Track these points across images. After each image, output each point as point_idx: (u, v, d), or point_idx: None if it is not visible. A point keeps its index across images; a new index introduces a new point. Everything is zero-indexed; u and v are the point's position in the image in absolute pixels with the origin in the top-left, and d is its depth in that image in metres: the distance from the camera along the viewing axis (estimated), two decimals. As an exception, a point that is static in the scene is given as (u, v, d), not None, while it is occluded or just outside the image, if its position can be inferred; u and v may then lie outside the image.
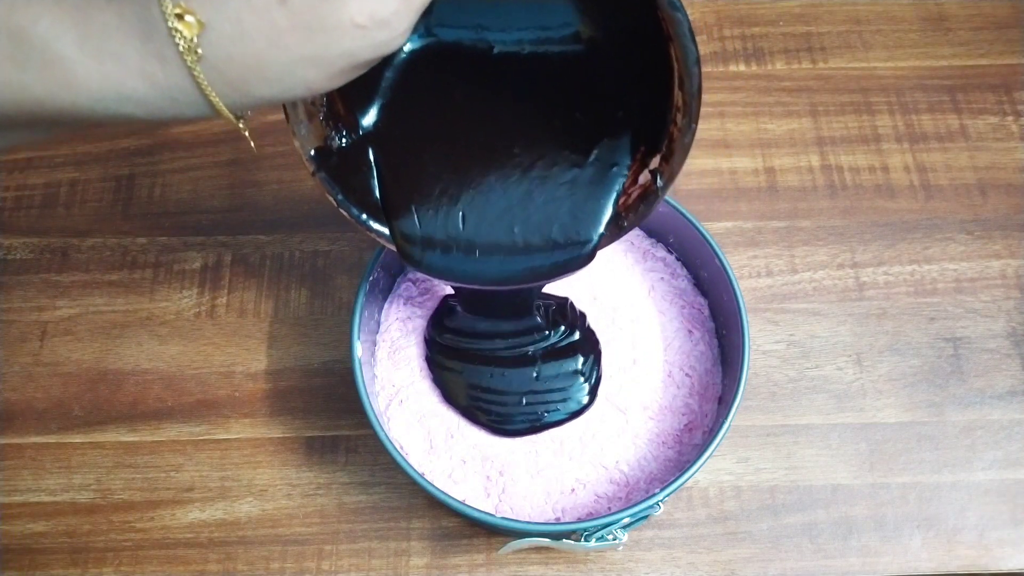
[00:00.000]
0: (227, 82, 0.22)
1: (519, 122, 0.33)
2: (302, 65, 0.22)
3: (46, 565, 0.43)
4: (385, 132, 0.32)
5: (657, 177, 0.30)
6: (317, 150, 0.30)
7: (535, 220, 0.33)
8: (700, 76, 0.26)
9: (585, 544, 0.36)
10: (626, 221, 0.32)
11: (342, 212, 0.31)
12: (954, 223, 0.51)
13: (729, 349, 0.41)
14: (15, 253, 0.51)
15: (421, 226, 0.33)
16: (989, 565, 0.43)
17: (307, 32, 0.21)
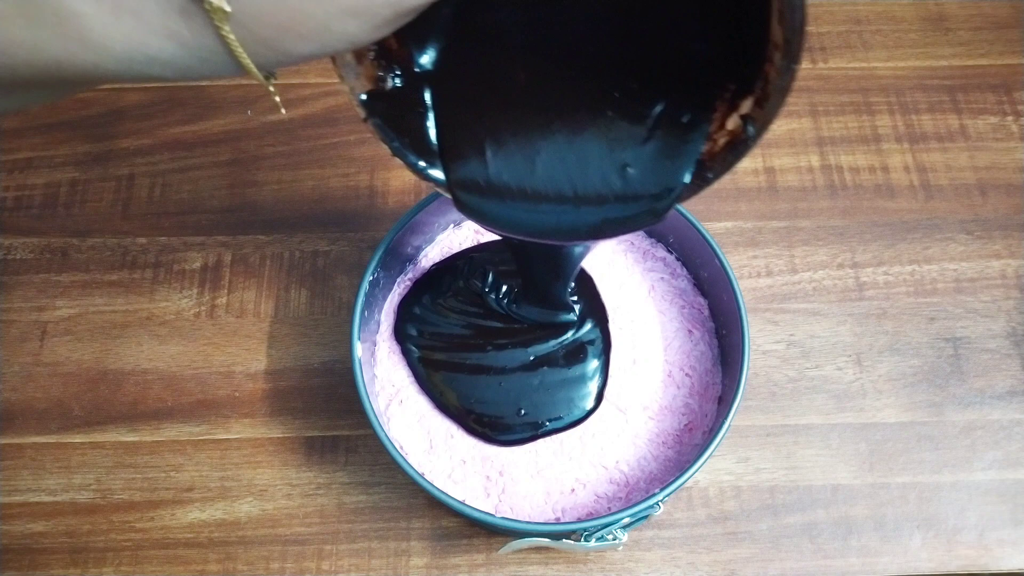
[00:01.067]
0: (259, 40, 0.20)
1: (588, 61, 0.29)
2: (342, 17, 0.20)
3: (46, 565, 0.43)
4: (443, 70, 0.29)
5: (748, 124, 0.27)
6: (369, 94, 0.28)
7: (608, 168, 0.29)
8: (804, 8, 0.23)
9: (585, 544, 0.36)
10: (711, 172, 0.28)
11: (397, 158, 0.29)
12: (954, 223, 0.51)
13: (729, 349, 0.41)
14: (15, 253, 0.51)
15: (481, 172, 0.30)
16: (989, 565, 0.43)
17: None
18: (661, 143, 0.29)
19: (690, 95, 0.29)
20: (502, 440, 0.40)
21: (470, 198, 0.30)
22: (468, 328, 0.42)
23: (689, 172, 0.29)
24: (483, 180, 0.30)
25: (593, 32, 0.29)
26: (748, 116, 0.27)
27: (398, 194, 0.52)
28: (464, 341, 0.42)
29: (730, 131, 0.28)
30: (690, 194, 0.29)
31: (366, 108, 0.28)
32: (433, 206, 0.41)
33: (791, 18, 0.23)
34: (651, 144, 0.29)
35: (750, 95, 0.27)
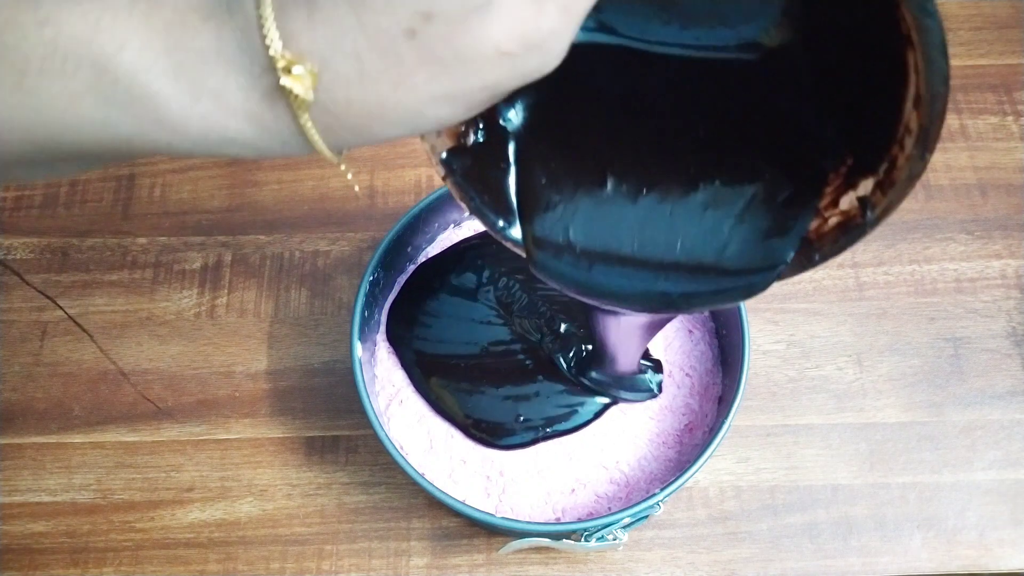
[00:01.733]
0: (344, 127, 0.19)
1: (686, 126, 0.28)
2: (434, 103, 0.18)
3: (46, 565, 0.43)
4: (529, 126, 0.28)
5: (867, 209, 0.24)
6: (450, 151, 0.26)
7: (703, 239, 0.27)
8: (947, 99, 0.21)
9: (585, 544, 0.36)
10: (818, 254, 0.26)
11: (475, 216, 0.28)
12: (954, 223, 0.51)
13: (729, 349, 0.41)
14: (15, 253, 0.51)
15: (564, 234, 0.28)
16: (989, 565, 0.43)
17: (441, 67, 0.17)
18: (764, 214, 0.27)
19: (801, 166, 0.26)
20: (502, 444, 0.40)
21: (550, 260, 0.28)
22: (464, 331, 0.42)
23: (792, 249, 0.26)
24: (565, 242, 0.28)
25: (694, 97, 0.27)
26: (867, 200, 0.24)
27: (398, 194, 0.52)
28: (460, 344, 0.42)
29: (843, 211, 0.25)
30: (792, 273, 0.27)
31: (446, 166, 0.26)
32: (433, 206, 0.41)
33: (931, 105, 0.21)
34: (752, 215, 0.27)
35: (871, 175, 0.24)
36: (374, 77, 0.17)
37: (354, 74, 0.17)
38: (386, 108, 0.18)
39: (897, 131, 0.23)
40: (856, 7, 0.23)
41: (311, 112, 0.18)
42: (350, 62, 0.17)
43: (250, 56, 0.18)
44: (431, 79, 0.18)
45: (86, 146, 0.19)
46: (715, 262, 0.27)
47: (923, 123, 0.21)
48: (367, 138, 0.19)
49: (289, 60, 0.17)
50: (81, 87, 0.18)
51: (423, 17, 0.17)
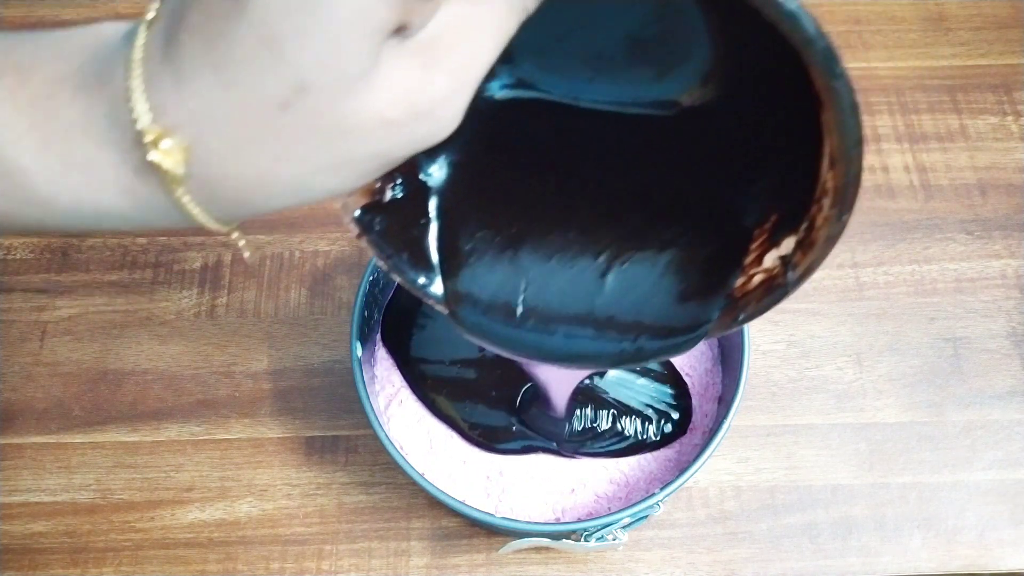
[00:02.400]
0: (227, 199, 0.18)
1: (610, 181, 0.27)
2: (320, 175, 0.18)
3: (46, 565, 0.43)
4: (452, 180, 0.27)
5: (789, 269, 0.24)
6: (365, 209, 0.25)
7: (629, 298, 0.27)
8: (861, 161, 0.20)
9: (585, 544, 0.35)
10: (743, 313, 0.25)
11: (393, 276, 0.27)
12: (954, 223, 0.51)
13: (729, 349, 0.41)
14: (15, 253, 0.50)
15: (487, 291, 0.27)
16: (989, 565, 0.43)
17: (322, 138, 0.17)
18: (688, 272, 0.26)
19: (725, 222, 0.26)
20: (498, 449, 0.40)
21: (471, 316, 0.27)
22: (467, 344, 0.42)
23: (718, 308, 0.26)
24: (487, 299, 0.27)
25: (618, 153, 0.27)
26: (789, 260, 0.24)
27: (398, 194, 0.52)
28: (456, 347, 0.42)
29: (767, 269, 0.25)
30: (718, 332, 0.26)
31: (360, 224, 0.25)
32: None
33: (845, 168, 0.20)
34: (676, 273, 0.26)
35: (793, 233, 0.24)
36: (250, 150, 0.17)
37: (228, 148, 0.17)
38: (268, 181, 0.17)
39: (815, 191, 0.22)
40: (771, 67, 0.22)
41: (188, 185, 0.17)
42: (223, 135, 0.16)
43: (120, 129, 0.17)
44: (313, 151, 0.17)
45: None
46: (638, 321, 0.27)
47: (838, 184, 0.21)
48: (254, 210, 0.19)
49: (158, 134, 0.16)
50: None
51: (296, 89, 0.16)
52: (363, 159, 0.18)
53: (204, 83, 0.16)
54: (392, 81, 0.16)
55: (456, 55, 0.17)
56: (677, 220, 0.27)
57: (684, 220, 0.27)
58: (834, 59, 0.19)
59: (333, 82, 0.16)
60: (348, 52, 0.15)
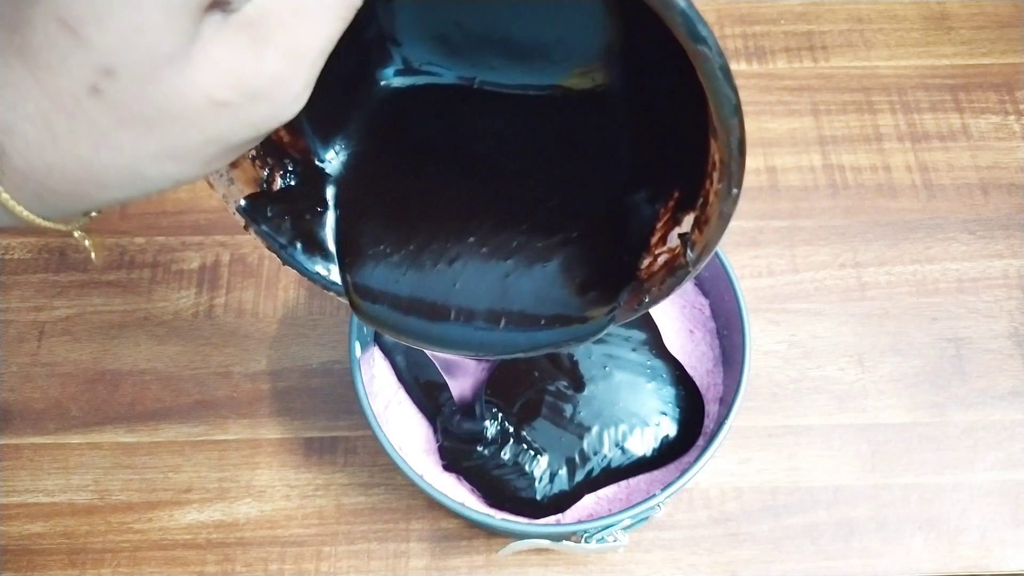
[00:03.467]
0: (56, 193, 0.17)
1: (511, 171, 0.27)
2: (154, 163, 0.17)
3: (44, 566, 0.43)
4: (349, 168, 0.26)
5: (688, 248, 0.23)
6: (250, 199, 0.24)
7: (530, 282, 0.26)
8: (742, 130, 0.19)
9: (585, 546, 0.35)
10: (648, 295, 0.25)
11: (289, 266, 0.26)
12: (956, 223, 0.51)
13: (730, 349, 0.40)
14: (13, 253, 0.50)
15: (387, 280, 0.26)
16: (991, 566, 0.43)
17: (145, 124, 0.16)
18: (590, 255, 0.26)
19: (628, 201, 0.25)
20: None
21: (372, 307, 0.27)
22: None
23: (625, 292, 0.25)
24: (387, 289, 0.27)
25: (517, 139, 0.27)
26: (688, 237, 0.23)
27: (397, 193, 0.52)
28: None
29: (670, 248, 0.25)
30: (626, 316, 0.25)
31: (246, 215, 0.24)
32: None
33: (726, 138, 0.19)
34: (578, 256, 0.26)
35: (691, 210, 0.23)
36: (69, 140, 0.16)
37: (46, 139, 0.16)
38: (95, 171, 0.16)
39: (706, 165, 0.22)
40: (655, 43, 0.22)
41: (7, 182, 0.16)
42: (38, 126, 0.16)
43: None
44: (139, 137, 0.16)
45: None
46: (543, 310, 0.26)
47: (723, 156, 0.20)
48: (88, 204, 0.18)
49: None
50: None
51: (104, 73, 0.15)
52: (199, 144, 0.17)
53: (13, 74, 0.15)
54: (216, 60, 0.16)
55: (290, 30, 0.16)
56: (579, 201, 0.26)
57: (584, 203, 0.26)
58: (694, 21, 0.18)
59: (142, 63, 0.15)
60: (154, 30, 0.15)
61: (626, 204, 0.26)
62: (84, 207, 0.18)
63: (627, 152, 0.26)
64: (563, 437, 0.40)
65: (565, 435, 0.40)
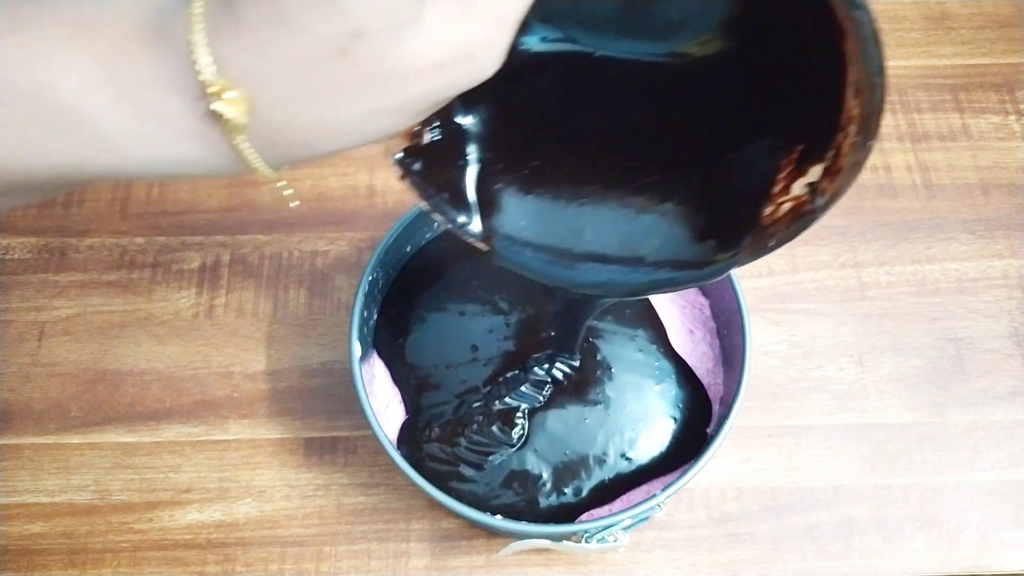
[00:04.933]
0: (287, 143, 0.19)
1: (632, 126, 0.29)
2: (373, 117, 0.19)
3: (44, 566, 0.43)
4: (486, 122, 0.28)
5: (816, 196, 0.25)
6: (406, 151, 0.26)
7: (655, 231, 0.28)
8: (884, 88, 0.21)
9: (586, 546, 0.35)
10: (773, 239, 0.27)
11: (435, 214, 0.28)
12: (956, 223, 0.51)
13: (730, 349, 0.40)
14: (13, 253, 0.50)
15: (519, 228, 0.29)
16: (991, 566, 0.43)
17: (374, 83, 0.18)
18: (718, 203, 0.28)
19: (753, 153, 0.27)
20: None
21: (508, 252, 0.29)
22: (457, 341, 0.42)
23: (748, 236, 0.27)
24: (522, 236, 0.29)
25: (644, 96, 0.28)
26: (816, 186, 0.25)
27: (397, 193, 0.52)
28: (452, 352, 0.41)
29: (795, 197, 0.26)
30: (748, 260, 0.27)
31: (402, 166, 0.27)
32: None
33: (869, 96, 0.21)
34: (705, 204, 0.28)
35: (820, 161, 0.25)
36: (308, 96, 0.18)
37: (288, 94, 0.18)
38: (325, 124, 0.19)
39: (840, 119, 0.24)
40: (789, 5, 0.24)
41: (249, 132, 0.18)
42: (283, 83, 0.17)
43: (185, 81, 0.18)
44: (366, 94, 0.18)
45: (37, 174, 0.19)
46: (670, 254, 0.28)
47: (864, 111, 0.22)
48: (312, 153, 0.20)
49: (221, 86, 0.17)
50: (24, 115, 0.18)
51: (352, 36, 0.17)
52: (414, 101, 0.19)
53: (265, 33, 0.17)
54: (438, 26, 0.17)
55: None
56: (695, 157, 0.28)
57: (702, 157, 0.28)
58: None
59: (387, 28, 0.17)
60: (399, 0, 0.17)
61: (744, 158, 0.27)
62: (307, 156, 0.20)
63: (743, 110, 0.27)
64: (567, 450, 0.39)
65: (571, 445, 0.39)
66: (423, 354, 0.42)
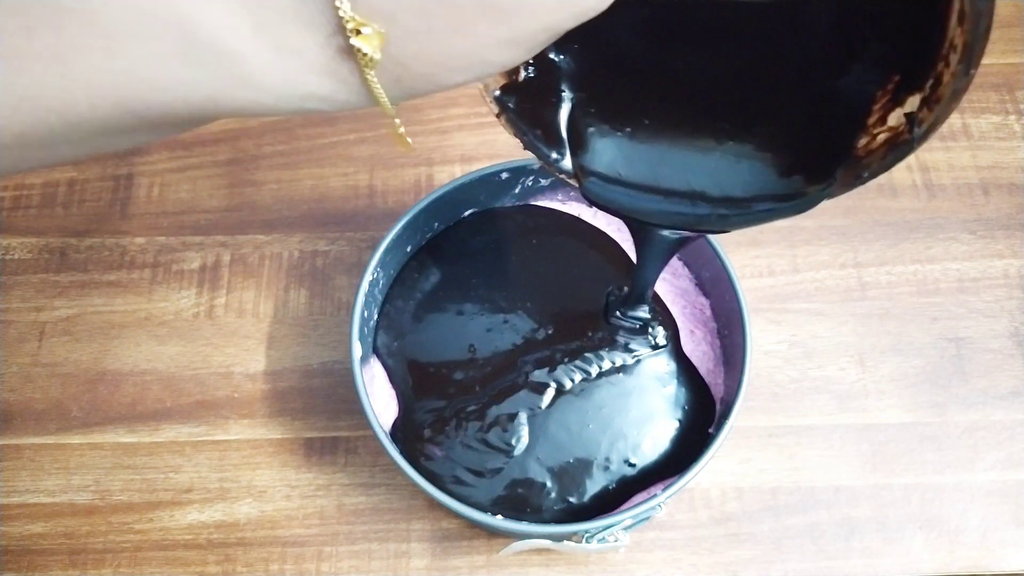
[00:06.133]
0: (414, 76, 0.20)
1: (719, 63, 0.29)
2: (497, 48, 0.19)
3: (45, 567, 0.43)
4: (577, 60, 0.29)
5: (914, 125, 0.25)
6: (503, 89, 0.27)
7: (743, 164, 0.28)
8: (991, 15, 0.21)
9: (586, 546, 0.35)
10: (867, 171, 0.26)
11: (529, 151, 0.29)
12: (957, 223, 0.51)
13: (731, 349, 0.40)
14: (13, 253, 0.50)
15: (610, 163, 0.29)
16: (991, 566, 0.43)
17: (502, 13, 0.18)
18: (810, 132, 0.28)
19: (846, 83, 0.27)
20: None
21: (598, 187, 0.30)
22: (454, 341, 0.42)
23: (841, 168, 0.27)
24: (614, 172, 0.29)
25: (724, 41, 0.28)
26: (914, 116, 0.25)
27: (398, 193, 0.52)
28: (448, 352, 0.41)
29: (891, 127, 0.26)
30: (840, 191, 0.27)
31: (500, 103, 0.27)
32: (433, 206, 0.41)
33: (974, 23, 0.21)
34: (798, 133, 0.28)
35: (918, 92, 0.25)
36: (439, 29, 0.18)
37: (422, 27, 0.18)
38: (452, 56, 0.19)
39: (942, 48, 0.23)
40: None
41: (381, 66, 0.19)
42: (417, 16, 0.18)
43: (324, 16, 0.18)
44: (493, 26, 0.18)
45: (174, 108, 0.19)
46: (765, 185, 0.28)
47: (967, 40, 0.22)
48: (435, 86, 0.20)
49: (358, 22, 0.18)
50: (167, 49, 0.18)
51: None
52: (536, 31, 0.19)
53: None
54: None
55: None
56: (796, 85, 0.28)
57: (803, 84, 0.28)
58: None
59: None
60: None
61: (836, 89, 0.27)
62: (429, 90, 0.20)
63: (835, 41, 0.27)
64: (571, 458, 0.39)
65: (574, 452, 0.39)
66: (420, 354, 0.41)
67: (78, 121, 0.19)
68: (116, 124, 0.20)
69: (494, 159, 0.42)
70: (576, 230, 0.44)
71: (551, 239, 0.44)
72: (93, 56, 0.18)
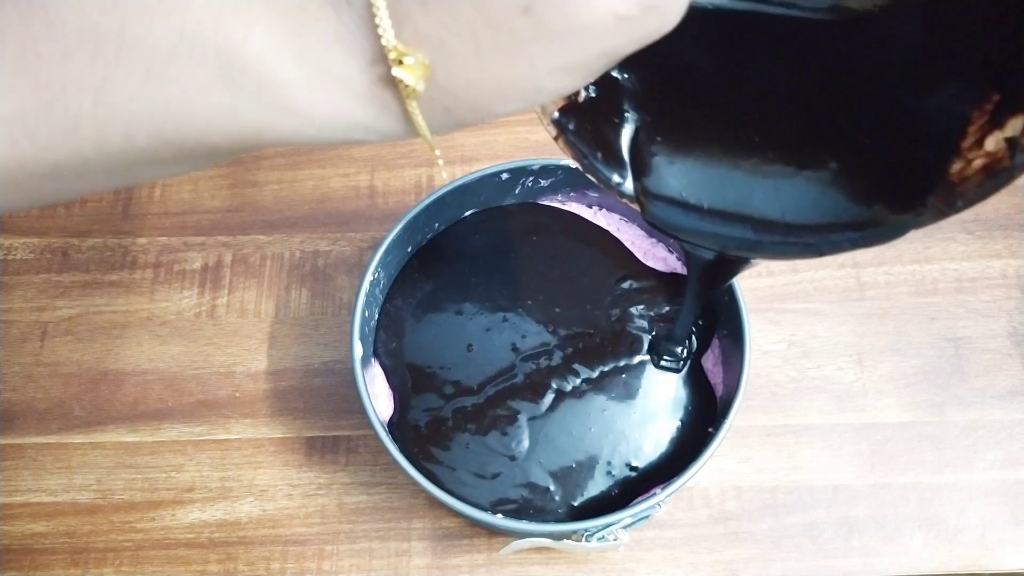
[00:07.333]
0: (462, 106, 0.19)
1: (790, 85, 0.27)
2: (552, 76, 0.18)
3: (46, 566, 0.43)
4: (641, 80, 0.27)
5: (1016, 151, 0.23)
6: (562, 110, 0.26)
7: (818, 191, 0.27)
8: None
9: (586, 544, 0.35)
10: (962, 199, 0.24)
11: (588, 174, 0.28)
12: (955, 223, 0.51)
13: (730, 349, 0.41)
14: (15, 253, 0.50)
15: (673, 187, 0.28)
16: (990, 565, 0.43)
17: (557, 39, 0.17)
18: (896, 156, 0.26)
19: (937, 104, 0.25)
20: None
21: (661, 211, 0.28)
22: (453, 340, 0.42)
23: (933, 195, 0.25)
24: (676, 196, 0.28)
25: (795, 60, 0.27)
26: (1017, 140, 0.23)
27: (398, 194, 0.52)
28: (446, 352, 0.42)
29: (989, 152, 0.24)
30: (932, 220, 0.25)
31: (558, 126, 0.26)
32: (433, 206, 0.41)
33: None
34: (882, 157, 0.26)
35: (1021, 113, 0.22)
36: (490, 55, 0.17)
37: (470, 54, 0.17)
38: (503, 85, 0.18)
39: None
40: None
41: (428, 96, 0.18)
42: (465, 42, 0.17)
43: (366, 42, 0.17)
44: (548, 52, 0.17)
45: (213, 138, 0.19)
46: (841, 213, 0.26)
47: None
48: (485, 115, 0.19)
49: (400, 52, 0.17)
50: (208, 77, 0.17)
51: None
52: (594, 57, 0.18)
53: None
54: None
55: None
56: (881, 107, 0.26)
57: (889, 105, 0.26)
58: None
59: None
60: None
61: (925, 109, 0.25)
62: (478, 120, 0.19)
63: (921, 58, 0.25)
64: (574, 462, 0.39)
65: (577, 454, 0.39)
66: (418, 353, 0.42)
67: (115, 151, 0.18)
68: (153, 154, 0.19)
69: (495, 160, 0.42)
70: (577, 228, 0.44)
71: (552, 237, 0.44)
72: (131, 83, 0.17)
